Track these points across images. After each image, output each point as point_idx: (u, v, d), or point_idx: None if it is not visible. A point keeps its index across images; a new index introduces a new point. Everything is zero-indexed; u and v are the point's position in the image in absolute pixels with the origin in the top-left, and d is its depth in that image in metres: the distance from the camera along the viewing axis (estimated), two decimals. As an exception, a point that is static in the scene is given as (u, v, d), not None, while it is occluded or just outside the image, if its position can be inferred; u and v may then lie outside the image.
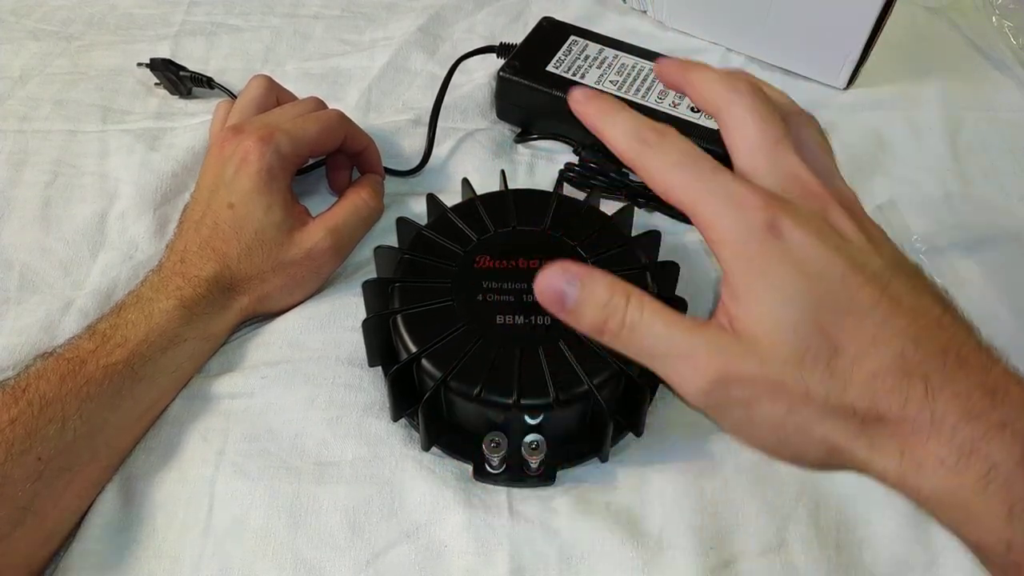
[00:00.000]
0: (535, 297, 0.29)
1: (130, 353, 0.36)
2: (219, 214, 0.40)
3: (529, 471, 0.36)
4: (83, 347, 0.36)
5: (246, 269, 0.40)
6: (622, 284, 0.26)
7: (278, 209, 0.41)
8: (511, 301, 0.37)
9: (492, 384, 0.35)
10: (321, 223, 0.43)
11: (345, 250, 0.44)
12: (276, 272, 0.41)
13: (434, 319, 0.37)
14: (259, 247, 0.40)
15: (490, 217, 0.41)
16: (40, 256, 0.45)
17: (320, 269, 0.43)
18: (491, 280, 0.38)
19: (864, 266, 0.24)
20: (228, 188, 0.40)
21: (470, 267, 0.39)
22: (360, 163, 0.48)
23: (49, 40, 0.58)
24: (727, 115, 0.27)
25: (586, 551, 0.35)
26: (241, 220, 0.40)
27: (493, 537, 0.35)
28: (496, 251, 0.39)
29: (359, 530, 0.35)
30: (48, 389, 0.34)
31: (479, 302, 0.37)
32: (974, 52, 0.60)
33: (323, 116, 0.44)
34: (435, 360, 0.35)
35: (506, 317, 0.37)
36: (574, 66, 0.50)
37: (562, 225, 0.41)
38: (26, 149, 0.51)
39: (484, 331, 0.36)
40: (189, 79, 0.53)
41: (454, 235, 0.40)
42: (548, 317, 0.35)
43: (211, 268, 0.39)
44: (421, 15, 0.60)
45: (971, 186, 0.51)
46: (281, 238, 0.41)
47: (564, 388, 0.34)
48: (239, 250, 0.40)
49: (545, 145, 0.52)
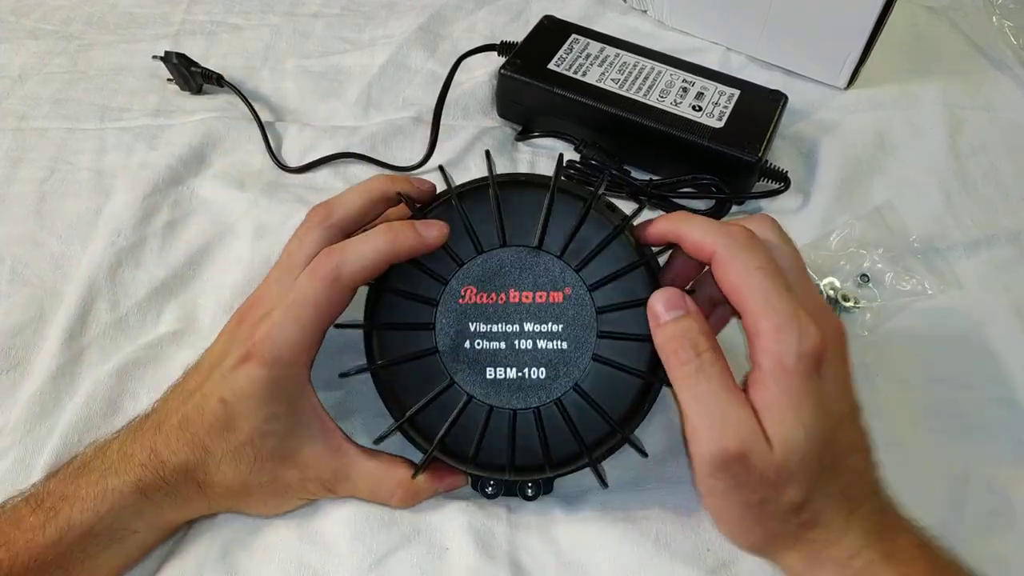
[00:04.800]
0: (529, 342, 0.31)
1: (68, 547, 0.31)
2: (209, 403, 0.32)
3: (526, 496, 0.36)
4: (23, 516, 0.31)
5: (225, 479, 0.33)
6: (710, 334, 0.30)
7: (306, 423, 0.34)
8: (502, 349, 0.33)
9: (485, 453, 0.33)
10: (384, 475, 0.35)
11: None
12: (265, 491, 0.34)
13: (419, 376, 0.33)
14: (252, 458, 0.33)
15: (476, 231, 0.34)
16: (32, 250, 0.45)
17: (317, 498, 0.36)
18: (479, 321, 0.33)
19: (853, 408, 0.31)
20: (223, 380, 0.32)
21: (454, 302, 0.34)
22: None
23: (49, 39, 0.58)
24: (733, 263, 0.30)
25: (584, 554, 0.35)
26: (233, 419, 0.32)
27: (493, 541, 0.35)
28: (484, 281, 0.34)
29: (360, 536, 0.35)
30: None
31: (467, 351, 0.33)
32: (974, 52, 0.60)
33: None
34: (421, 427, 0.33)
35: (496, 370, 0.33)
36: (575, 64, 0.50)
37: (560, 238, 0.34)
38: (23, 146, 0.51)
39: (473, 387, 0.33)
40: (200, 75, 0.54)
41: (435, 260, 0.34)
42: (543, 370, 0.33)
43: (185, 456, 0.32)
44: (421, 14, 0.60)
45: (971, 186, 0.51)
46: (287, 458, 0.33)
47: (559, 454, 0.33)
48: (223, 453, 0.32)
49: (546, 143, 0.52)
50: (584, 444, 0.33)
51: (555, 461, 0.33)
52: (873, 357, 0.42)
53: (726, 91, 0.49)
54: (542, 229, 0.34)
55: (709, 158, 0.46)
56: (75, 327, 0.42)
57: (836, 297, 0.44)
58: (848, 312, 0.43)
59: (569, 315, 0.33)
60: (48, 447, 0.37)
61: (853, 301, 0.44)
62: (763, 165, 0.47)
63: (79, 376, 0.40)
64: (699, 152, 0.47)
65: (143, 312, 0.43)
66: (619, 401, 0.33)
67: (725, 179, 0.47)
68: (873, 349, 0.42)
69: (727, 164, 0.46)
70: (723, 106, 0.48)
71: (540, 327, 0.33)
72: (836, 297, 0.44)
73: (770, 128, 0.47)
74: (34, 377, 0.40)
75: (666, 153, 0.48)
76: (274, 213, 0.47)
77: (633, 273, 0.33)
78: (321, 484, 0.34)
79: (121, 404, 0.40)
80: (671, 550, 0.35)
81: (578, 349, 0.33)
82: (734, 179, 0.47)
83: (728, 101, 0.48)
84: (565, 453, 0.33)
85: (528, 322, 0.33)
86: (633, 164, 0.50)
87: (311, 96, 0.55)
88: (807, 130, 0.53)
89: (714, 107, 0.48)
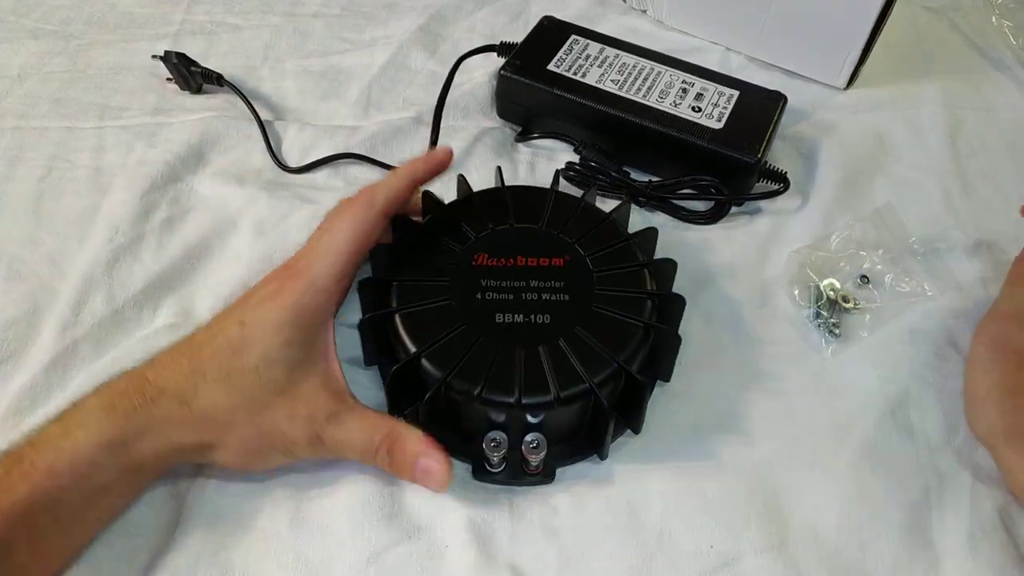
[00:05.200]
0: (535, 295, 0.30)
1: (31, 490, 0.29)
2: (225, 328, 0.33)
3: (529, 469, 0.36)
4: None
5: (213, 401, 0.31)
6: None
7: (315, 359, 0.34)
8: (510, 299, 0.37)
9: (493, 383, 0.34)
10: (379, 423, 0.34)
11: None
12: (250, 427, 0.32)
13: (433, 318, 0.36)
14: (250, 385, 0.32)
15: (488, 214, 0.41)
16: (29, 247, 0.45)
17: (298, 456, 0.34)
18: (490, 278, 0.38)
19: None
20: (247, 307, 0.34)
21: (468, 265, 0.39)
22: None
23: (48, 39, 0.58)
24: None
25: (586, 550, 0.35)
26: (246, 342, 0.32)
27: (494, 537, 0.35)
28: (494, 249, 0.39)
29: (359, 530, 0.35)
30: None
31: (478, 300, 0.37)
32: (974, 52, 0.60)
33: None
34: (435, 360, 0.35)
35: (505, 316, 0.37)
36: (575, 65, 0.50)
37: (559, 222, 0.41)
38: (22, 145, 0.51)
39: (484, 330, 0.36)
40: (200, 75, 0.54)
41: (452, 233, 0.40)
42: (548, 315, 0.36)
43: (175, 379, 0.31)
44: (421, 14, 0.60)
45: (970, 186, 0.51)
46: (287, 390, 0.33)
47: (565, 386, 0.34)
48: (218, 373, 0.32)
49: (546, 144, 0.52)
50: (588, 374, 0.35)
51: (562, 396, 0.34)
52: (872, 358, 0.42)
53: (725, 92, 0.49)
54: (548, 213, 0.41)
55: (709, 159, 0.46)
56: (69, 320, 0.42)
57: (836, 298, 0.43)
58: (848, 313, 0.43)
59: (570, 275, 0.38)
60: None
61: (853, 303, 0.44)
62: (763, 166, 0.47)
63: (72, 368, 0.40)
64: (699, 153, 0.47)
65: (139, 306, 0.43)
66: (616, 345, 0.36)
67: (725, 180, 0.47)
68: (872, 350, 0.42)
69: (727, 165, 0.46)
70: (722, 107, 0.48)
71: (545, 283, 0.38)
72: (836, 298, 0.43)
73: (770, 129, 0.47)
74: (26, 369, 0.40)
75: (666, 154, 0.48)
76: (274, 210, 0.47)
77: (622, 246, 0.40)
78: (310, 426, 0.33)
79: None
80: (674, 547, 0.35)
81: (579, 301, 0.37)
82: (734, 180, 0.47)
83: (727, 102, 0.48)
84: (571, 389, 0.35)
85: (534, 279, 0.38)
86: (632, 165, 0.50)
87: (311, 96, 0.55)
88: (807, 131, 0.53)
89: (713, 108, 0.48)
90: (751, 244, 0.47)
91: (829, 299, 0.44)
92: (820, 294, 0.44)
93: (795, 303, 0.44)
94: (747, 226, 0.48)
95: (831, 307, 0.43)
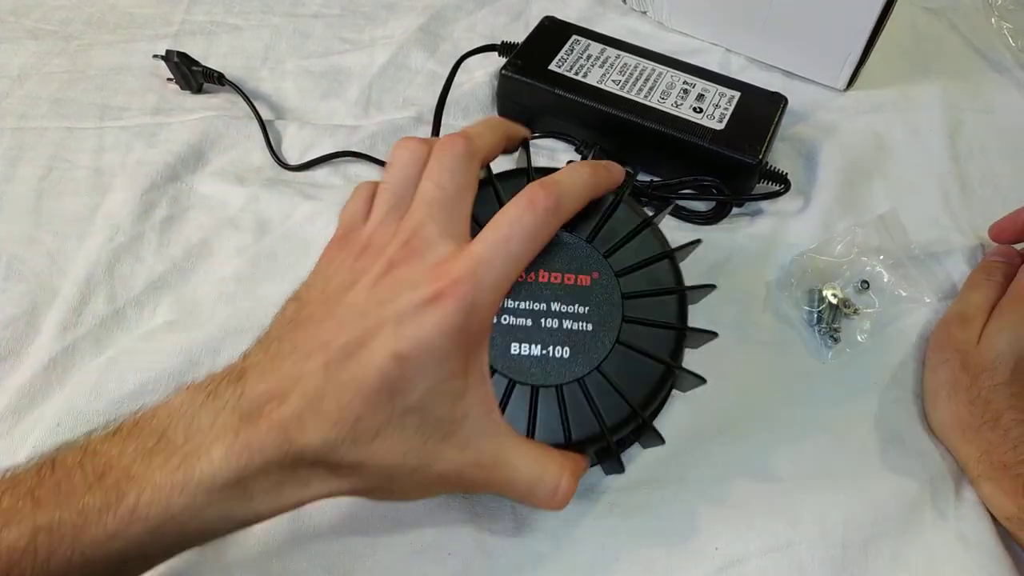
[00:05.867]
0: (555, 321, 0.31)
1: (131, 540, 0.23)
2: (371, 359, 0.25)
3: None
4: (75, 486, 0.23)
5: (377, 457, 0.25)
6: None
7: (475, 387, 0.27)
8: (528, 326, 0.33)
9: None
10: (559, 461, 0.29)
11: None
12: (412, 476, 0.26)
13: None
14: (414, 430, 0.25)
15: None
16: (28, 247, 0.45)
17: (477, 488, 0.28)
18: (508, 297, 0.33)
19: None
20: (398, 327, 0.25)
21: None
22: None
23: (48, 39, 0.58)
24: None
25: (592, 555, 0.35)
26: (408, 381, 0.25)
27: (499, 545, 0.35)
28: None
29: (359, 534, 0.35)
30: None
31: (494, 325, 0.33)
32: (973, 53, 0.60)
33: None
34: None
35: (521, 346, 0.33)
36: (576, 65, 0.50)
37: (587, 225, 0.35)
38: (22, 145, 0.51)
39: (497, 361, 0.33)
40: (201, 74, 0.54)
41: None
42: (567, 348, 0.33)
43: (319, 434, 0.24)
44: (421, 14, 0.60)
45: (969, 189, 0.51)
46: (452, 427, 0.26)
47: (578, 431, 0.32)
48: (382, 422, 0.25)
49: (547, 144, 0.52)
50: (604, 425, 0.32)
51: (573, 440, 0.32)
52: (871, 363, 0.42)
53: (727, 93, 0.49)
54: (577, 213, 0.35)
55: (710, 160, 0.47)
56: (69, 320, 0.42)
57: (837, 304, 0.43)
58: (848, 319, 0.43)
59: (595, 299, 0.34)
60: (31, 438, 0.37)
61: (853, 308, 0.43)
62: (763, 167, 0.47)
63: (72, 367, 0.40)
64: (700, 154, 0.47)
65: (140, 305, 0.43)
66: (640, 386, 0.33)
67: (726, 181, 0.47)
68: (871, 355, 0.42)
69: (728, 166, 0.46)
70: (724, 108, 0.48)
71: (567, 308, 0.34)
72: (837, 304, 0.43)
73: (770, 130, 0.47)
74: (25, 368, 0.40)
75: (667, 154, 0.48)
76: (275, 207, 0.47)
77: (659, 264, 0.34)
78: (478, 470, 0.27)
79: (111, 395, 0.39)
80: (679, 548, 0.35)
81: (603, 332, 0.33)
82: (735, 181, 0.47)
83: (729, 103, 0.48)
84: (582, 434, 0.33)
85: (555, 302, 0.34)
86: (633, 165, 0.50)
87: (311, 96, 0.55)
88: (807, 132, 0.53)
89: (715, 109, 0.48)
90: (752, 245, 0.47)
91: (830, 304, 0.44)
92: (821, 299, 0.44)
93: (796, 307, 0.44)
94: (748, 227, 0.48)
95: (832, 312, 0.43)
